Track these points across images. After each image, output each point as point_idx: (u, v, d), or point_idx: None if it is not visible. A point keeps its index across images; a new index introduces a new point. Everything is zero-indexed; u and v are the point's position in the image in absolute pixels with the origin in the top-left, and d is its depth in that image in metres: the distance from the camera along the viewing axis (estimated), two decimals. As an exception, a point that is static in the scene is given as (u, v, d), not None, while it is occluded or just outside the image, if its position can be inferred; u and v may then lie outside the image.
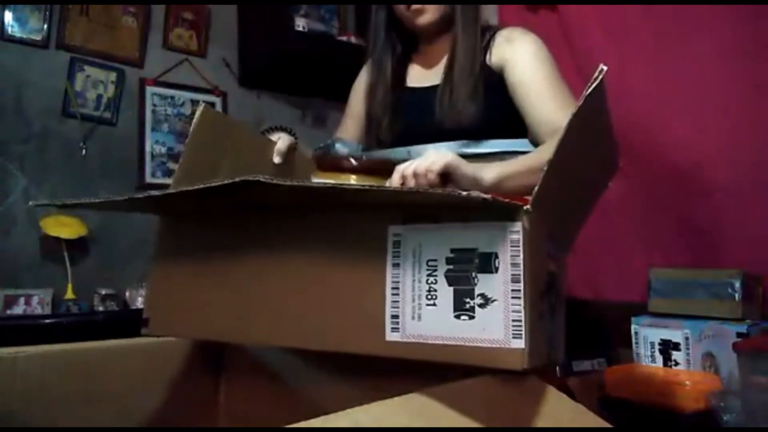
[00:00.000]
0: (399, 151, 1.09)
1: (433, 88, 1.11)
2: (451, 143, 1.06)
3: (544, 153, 0.91)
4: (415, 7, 1.09)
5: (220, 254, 0.66)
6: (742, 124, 1.38)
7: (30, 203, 0.67)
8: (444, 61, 1.13)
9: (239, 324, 0.63)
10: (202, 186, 0.51)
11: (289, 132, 1.05)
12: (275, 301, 0.60)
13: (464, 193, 0.43)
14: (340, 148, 1.09)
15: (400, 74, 1.19)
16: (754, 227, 1.34)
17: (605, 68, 0.48)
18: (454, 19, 1.10)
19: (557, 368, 1.00)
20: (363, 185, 0.48)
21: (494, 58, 1.09)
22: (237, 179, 0.49)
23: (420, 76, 1.18)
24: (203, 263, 0.67)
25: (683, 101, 1.47)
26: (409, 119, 1.14)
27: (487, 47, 1.10)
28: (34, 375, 0.63)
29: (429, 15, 1.10)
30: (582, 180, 0.63)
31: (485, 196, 0.44)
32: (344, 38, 2.20)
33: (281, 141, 0.99)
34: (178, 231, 0.72)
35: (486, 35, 1.11)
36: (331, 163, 0.87)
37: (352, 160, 0.84)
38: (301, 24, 2.10)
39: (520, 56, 1.06)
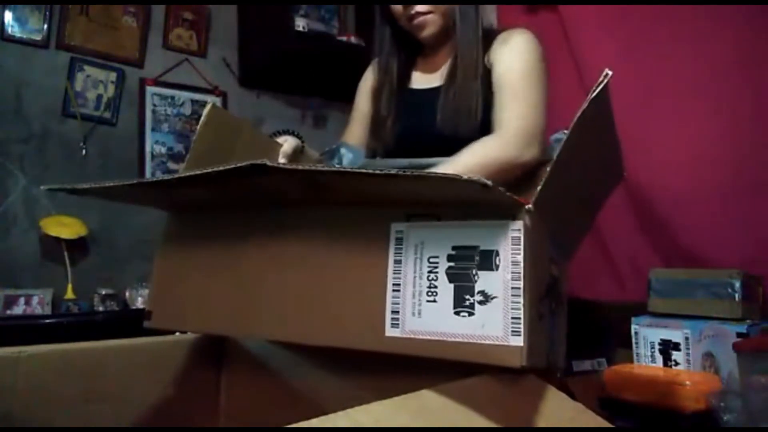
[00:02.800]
0: (400, 162, 1.09)
1: (436, 89, 1.12)
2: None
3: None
4: (416, 22, 1.10)
5: (223, 249, 0.66)
6: (742, 124, 1.38)
7: (41, 187, 0.68)
8: (447, 64, 1.14)
9: (240, 318, 0.63)
10: (211, 169, 0.51)
11: (296, 135, 1.05)
12: (276, 296, 0.60)
13: (465, 177, 0.43)
14: (345, 153, 1.10)
15: (405, 76, 1.20)
16: (754, 227, 1.34)
17: (610, 73, 0.48)
18: (455, 25, 1.11)
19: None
20: (365, 170, 0.47)
21: (489, 59, 1.09)
22: (244, 163, 0.49)
23: (423, 79, 1.19)
24: (207, 257, 0.67)
25: (684, 101, 1.47)
26: (411, 120, 1.15)
27: (487, 49, 1.10)
28: (34, 375, 0.63)
29: (431, 28, 1.11)
30: (584, 185, 0.63)
31: (486, 182, 0.43)
32: (344, 38, 2.20)
33: (287, 143, 1.00)
34: (184, 226, 0.72)
35: (488, 37, 1.11)
36: None
37: None
38: (301, 24, 2.11)
39: (506, 54, 1.06)
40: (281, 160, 0.98)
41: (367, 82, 1.26)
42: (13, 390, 0.61)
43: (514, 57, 1.06)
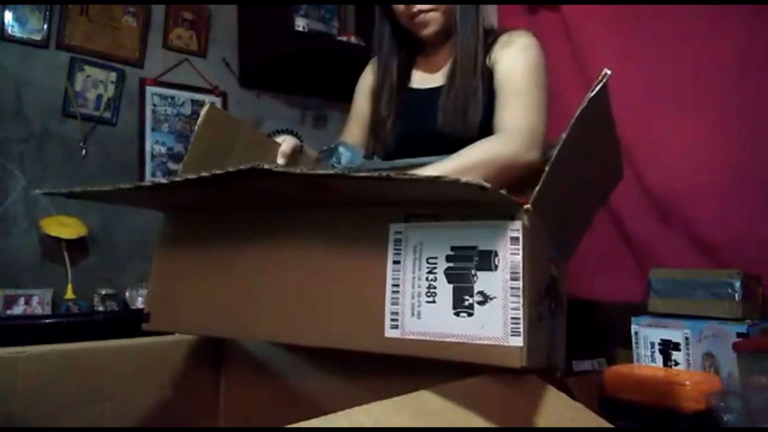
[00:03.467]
0: (398, 162, 1.09)
1: (436, 89, 1.12)
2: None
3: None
4: (418, 20, 1.09)
5: (221, 250, 0.66)
6: (743, 123, 1.38)
7: (36, 191, 0.67)
8: (448, 63, 1.13)
9: (239, 319, 0.63)
10: (209, 173, 0.51)
11: (294, 135, 1.05)
12: (275, 297, 0.60)
13: (463, 180, 0.43)
14: (344, 152, 1.10)
15: (405, 76, 1.19)
16: (754, 227, 1.34)
17: (609, 72, 0.48)
18: (455, 25, 1.10)
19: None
20: (365, 173, 0.47)
21: (491, 60, 1.09)
22: (243, 166, 0.49)
23: (424, 78, 1.18)
24: (205, 259, 0.67)
25: (684, 101, 1.47)
26: (412, 120, 1.15)
27: (489, 49, 1.10)
28: (34, 375, 0.63)
29: (433, 26, 1.10)
30: (584, 185, 0.63)
31: (483, 184, 0.43)
32: (344, 38, 2.20)
33: (286, 143, 1.00)
34: (181, 227, 0.72)
35: (489, 38, 1.11)
36: None
37: None
38: (301, 24, 2.11)
39: (508, 58, 1.06)
40: (280, 160, 0.98)
41: (366, 81, 1.26)
42: (12, 390, 0.61)
43: (515, 57, 1.05)
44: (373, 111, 1.22)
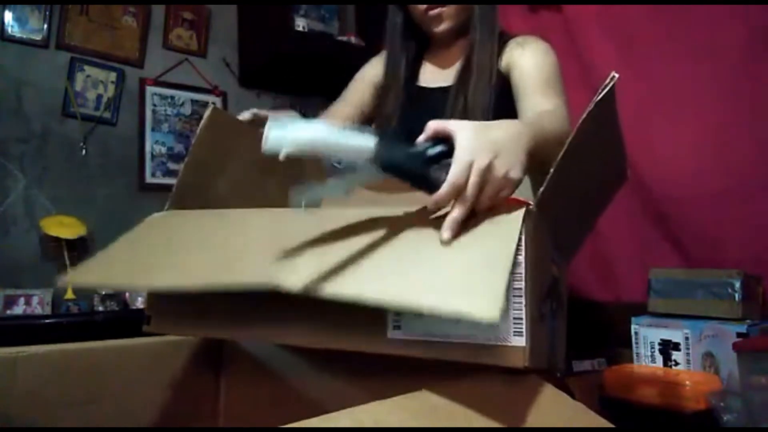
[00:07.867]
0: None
1: (445, 89, 1.11)
2: None
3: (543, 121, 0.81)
4: (432, 13, 1.08)
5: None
6: (743, 123, 1.38)
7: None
8: (457, 63, 1.12)
9: (240, 321, 0.63)
10: (220, 282, 0.52)
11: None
12: (277, 299, 0.60)
13: None
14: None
15: (413, 73, 1.19)
16: (754, 227, 1.34)
17: (617, 75, 0.48)
18: (472, 25, 1.09)
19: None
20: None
21: (504, 63, 1.08)
22: (261, 281, 0.49)
23: (432, 77, 1.17)
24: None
25: (684, 101, 1.47)
26: (419, 118, 1.14)
27: (500, 52, 1.09)
28: (34, 375, 0.63)
29: (448, 23, 1.09)
30: (587, 187, 0.63)
31: None
32: (344, 38, 2.20)
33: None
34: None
35: (500, 41, 1.11)
36: None
37: None
38: (301, 24, 2.11)
39: (527, 58, 1.05)
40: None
41: (372, 71, 1.22)
42: (11, 391, 0.61)
43: (540, 58, 1.05)
44: (377, 106, 1.20)
